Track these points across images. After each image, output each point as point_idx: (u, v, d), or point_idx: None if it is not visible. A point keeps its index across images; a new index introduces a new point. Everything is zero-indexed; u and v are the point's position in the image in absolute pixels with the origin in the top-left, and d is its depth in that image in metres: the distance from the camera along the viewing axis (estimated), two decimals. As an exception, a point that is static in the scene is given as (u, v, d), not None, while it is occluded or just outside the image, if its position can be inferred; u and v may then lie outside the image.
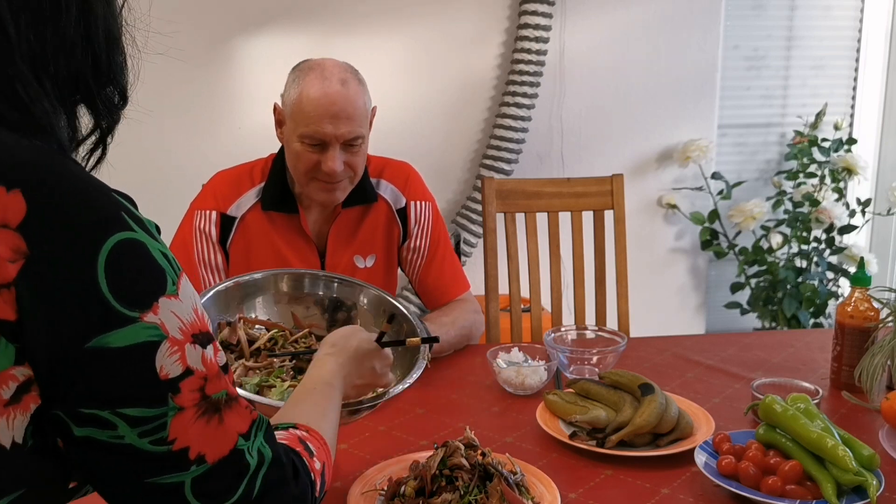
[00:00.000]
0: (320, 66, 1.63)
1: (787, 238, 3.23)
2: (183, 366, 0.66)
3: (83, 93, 0.71)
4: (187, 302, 0.68)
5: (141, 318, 0.64)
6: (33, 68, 0.67)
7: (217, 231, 1.73)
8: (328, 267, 1.78)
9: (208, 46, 2.84)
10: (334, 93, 1.59)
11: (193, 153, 2.85)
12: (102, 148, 0.75)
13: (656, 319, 3.28)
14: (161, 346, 0.65)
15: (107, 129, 0.74)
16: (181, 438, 0.66)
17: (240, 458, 0.70)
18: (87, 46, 0.70)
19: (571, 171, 3.14)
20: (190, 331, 0.67)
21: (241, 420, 0.71)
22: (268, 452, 0.73)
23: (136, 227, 0.65)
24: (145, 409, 0.64)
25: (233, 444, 0.70)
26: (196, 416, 0.67)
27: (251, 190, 1.76)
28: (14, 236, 0.60)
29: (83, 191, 0.64)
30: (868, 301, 1.53)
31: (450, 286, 1.86)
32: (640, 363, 1.71)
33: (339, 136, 1.61)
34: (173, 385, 0.66)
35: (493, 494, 1.09)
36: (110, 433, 0.64)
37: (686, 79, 3.22)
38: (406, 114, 3.00)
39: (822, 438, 1.17)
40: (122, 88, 0.74)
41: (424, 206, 1.84)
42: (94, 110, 0.73)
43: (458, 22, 3.01)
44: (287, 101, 1.65)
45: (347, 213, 1.78)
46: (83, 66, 0.70)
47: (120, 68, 0.73)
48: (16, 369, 0.61)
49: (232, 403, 0.71)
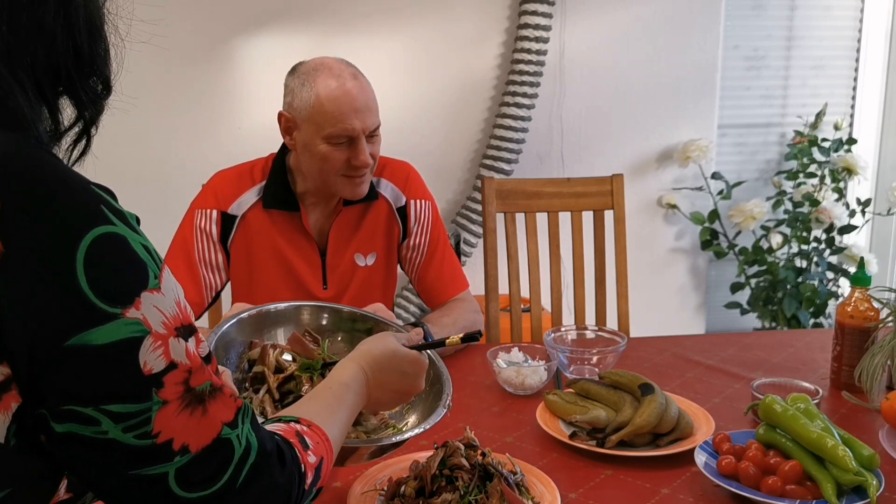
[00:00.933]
0: (325, 65, 1.63)
1: (787, 238, 3.23)
2: (167, 360, 0.66)
3: (65, 84, 0.70)
4: (170, 295, 0.67)
5: (123, 314, 0.63)
6: (8, 60, 0.65)
7: (218, 230, 1.73)
8: (329, 265, 1.78)
9: (208, 46, 2.84)
10: (352, 88, 1.60)
11: (193, 153, 2.84)
12: (87, 139, 0.74)
13: (656, 319, 3.28)
14: (144, 341, 0.64)
15: (90, 119, 0.73)
16: (165, 431, 0.66)
17: (224, 446, 0.70)
18: (68, 36, 0.68)
19: (571, 171, 3.14)
20: (173, 324, 0.67)
21: (225, 409, 0.71)
22: (254, 440, 0.72)
23: (116, 221, 0.64)
24: (129, 405, 0.64)
25: (216, 432, 0.69)
26: (180, 409, 0.66)
27: (252, 189, 1.75)
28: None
29: (60, 185, 0.63)
30: (868, 301, 1.53)
31: (449, 285, 1.86)
32: (640, 363, 1.71)
33: (365, 128, 1.62)
34: (157, 380, 0.65)
35: (493, 494, 1.09)
36: (94, 429, 0.63)
37: (686, 79, 3.22)
38: (406, 114, 3.00)
39: (822, 438, 1.17)
40: (105, 78, 0.73)
41: (424, 204, 1.84)
42: (76, 101, 0.72)
43: (458, 22, 3.01)
44: (300, 106, 1.63)
45: (349, 212, 1.78)
46: (64, 57, 0.68)
47: (102, 58, 0.72)
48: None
49: (216, 394, 0.70)
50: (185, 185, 1.96)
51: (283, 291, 1.76)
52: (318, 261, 1.78)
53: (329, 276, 1.79)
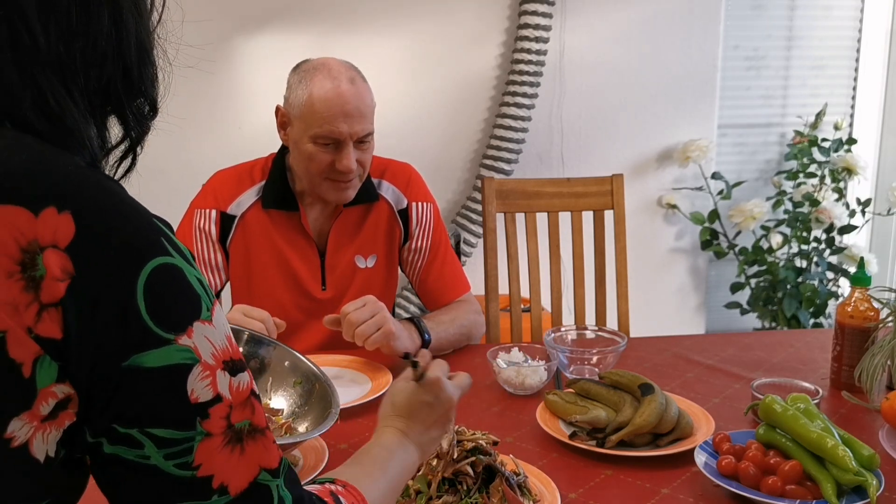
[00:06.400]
0: (325, 65, 1.63)
1: (787, 238, 3.23)
2: (213, 391, 0.67)
3: (114, 104, 0.72)
4: (220, 329, 0.68)
5: (175, 341, 0.64)
6: (63, 79, 0.67)
7: (217, 230, 1.73)
8: (328, 266, 1.78)
9: (209, 46, 2.83)
10: (345, 91, 1.60)
11: (194, 153, 2.85)
12: (132, 158, 0.76)
13: (656, 319, 3.28)
14: (193, 369, 0.65)
15: (136, 139, 0.75)
16: (206, 465, 0.66)
17: (263, 494, 0.69)
18: (119, 59, 0.70)
19: (571, 171, 3.14)
20: (221, 357, 0.68)
21: (267, 454, 0.70)
22: (288, 495, 0.72)
23: (174, 253, 0.66)
24: (173, 431, 0.65)
25: (254, 475, 0.69)
26: (223, 445, 0.67)
27: (251, 188, 1.75)
28: (63, 257, 0.61)
29: (127, 215, 0.65)
30: (868, 301, 1.53)
31: (450, 287, 1.86)
32: (640, 363, 1.71)
33: (353, 133, 1.61)
34: (202, 410, 0.66)
35: (493, 494, 1.09)
36: (137, 452, 0.64)
37: (686, 79, 3.22)
38: (406, 113, 3.00)
39: (822, 438, 1.17)
40: (152, 100, 0.75)
41: (426, 207, 1.84)
42: (124, 121, 0.74)
43: (458, 22, 3.01)
44: (294, 103, 1.64)
45: (349, 213, 1.78)
46: (114, 78, 0.70)
47: (150, 80, 0.74)
48: (56, 387, 0.62)
49: (256, 435, 0.70)
50: (186, 185, 1.95)
51: (282, 292, 1.76)
52: (316, 261, 1.78)
53: (328, 276, 1.79)
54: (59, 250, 0.61)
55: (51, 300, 0.60)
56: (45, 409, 0.62)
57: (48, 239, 0.61)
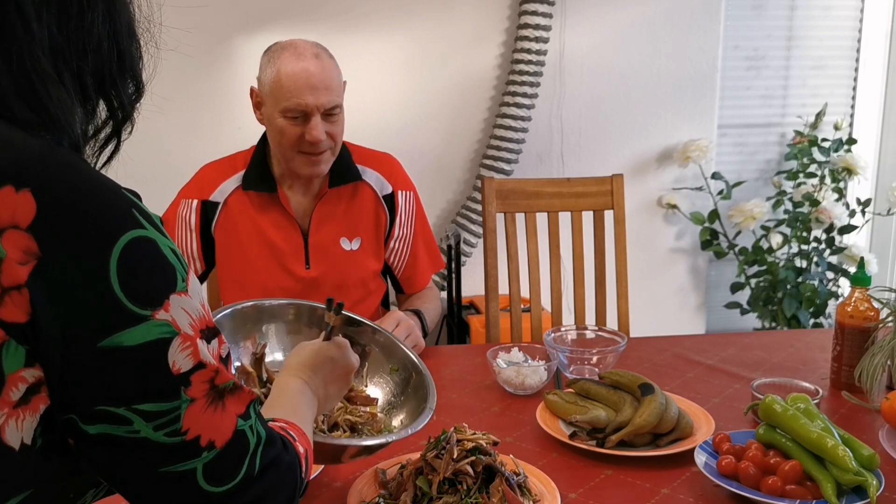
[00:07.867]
0: (292, 45, 1.70)
1: (787, 238, 3.23)
2: (194, 360, 0.67)
3: (106, 87, 0.72)
4: (195, 297, 0.69)
5: (153, 316, 0.64)
6: (55, 64, 0.67)
7: (197, 218, 1.80)
8: (311, 245, 1.81)
9: (209, 46, 2.84)
10: (310, 66, 1.67)
11: (193, 152, 2.84)
12: (116, 142, 0.75)
13: (656, 319, 3.28)
14: (173, 342, 0.66)
15: (122, 121, 0.75)
16: (193, 428, 0.67)
17: (241, 439, 0.71)
18: (113, 41, 0.70)
19: (571, 171, 3.14)
20: (199, 325, 0.68)
21: (240, 403, 0.72)
22: (262, 431, 0.74)
23: (147, 225, 0.65)
24: (160, 404, 0.65)
25: (234, 426, 0.71)
26: (206, 406, 0.68)
27: (234, 175, 1.82)
28: (24, 237, 0.59)
29: (94, 189, 0.63)
30: (868, 301, 1.53)
31: (427, 273, 1.97)
32: (640, 363, 1.71)
33: (319, 105, 1.67)
34: (185, 378, 0.67)
35: (494, 494, 1.09)
36: (126, 428, 0.65)
37: (686, 79, 3.22)
38: (406, 113, 3.00)
39: (822, 438, 1.17)
40: (138, 80, 0.75)
41: (410, 195, 1.90)
42: (110, 104, 0.73)
43: (458, 22, 3.00)
44: (264, 82, 1.70)
45: (333, 194, 1.82)
46: (108, 61, 0.71)
47: (137, 60, 0.74)
48: (26, 371, 0.61)
49: (236, 391, 0.72)
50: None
51: (267, 271, 1.80)
52: (300, 241, 1.81)
53: (312, 255, 1.81)
54: (20, 230, 0.59)
55: (13, 283, 0.59)
56: (15, 395, 0.61)
57: (6, 219, 0.59)
